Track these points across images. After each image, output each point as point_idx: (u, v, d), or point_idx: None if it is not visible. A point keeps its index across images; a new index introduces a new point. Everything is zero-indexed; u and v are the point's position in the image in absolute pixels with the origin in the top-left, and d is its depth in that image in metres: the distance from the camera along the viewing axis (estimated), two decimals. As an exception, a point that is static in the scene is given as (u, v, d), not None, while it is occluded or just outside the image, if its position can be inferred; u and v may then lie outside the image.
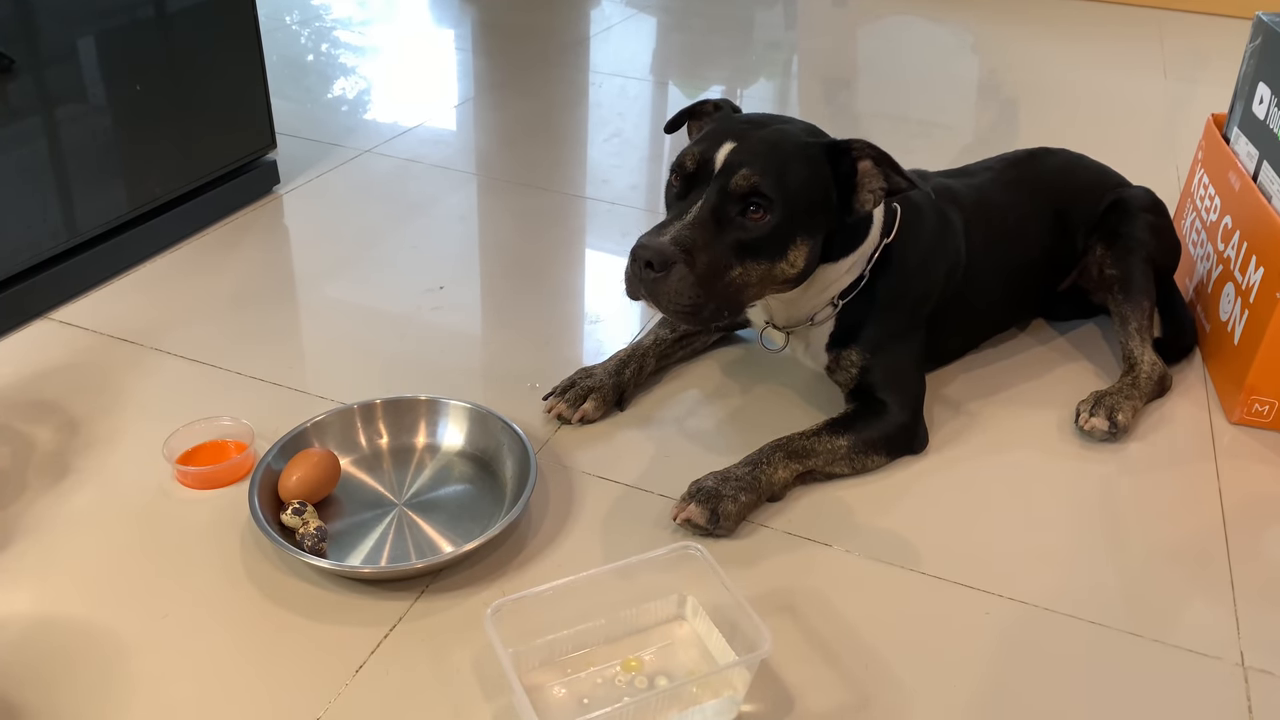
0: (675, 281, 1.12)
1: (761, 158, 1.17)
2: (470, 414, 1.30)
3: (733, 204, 1.16)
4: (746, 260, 1.17)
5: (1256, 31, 1.64)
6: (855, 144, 1.20)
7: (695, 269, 1.13)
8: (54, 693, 0.97)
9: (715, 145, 1.19)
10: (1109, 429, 1.36)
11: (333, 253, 1.81)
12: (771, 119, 1.26)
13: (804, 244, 1.20)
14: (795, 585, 1.13)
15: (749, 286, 1.20)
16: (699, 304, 1.15)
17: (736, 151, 1.17)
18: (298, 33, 3.07)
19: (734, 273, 1.17)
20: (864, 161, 1.20)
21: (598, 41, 3.08)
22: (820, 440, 1.27)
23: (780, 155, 1.18)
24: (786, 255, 1.19)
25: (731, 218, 1.16)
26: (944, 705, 1.00)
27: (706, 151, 1.19)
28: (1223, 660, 1.07)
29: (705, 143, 1.20)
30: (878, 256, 1.32)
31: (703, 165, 1.19)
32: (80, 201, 1.62)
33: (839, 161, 1.21)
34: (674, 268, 1.12)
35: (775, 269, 1.20)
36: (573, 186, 2.11)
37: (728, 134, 1.20)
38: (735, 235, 1.16)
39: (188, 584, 1.10)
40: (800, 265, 1.21)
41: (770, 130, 1.22)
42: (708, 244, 1.14)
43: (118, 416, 1.35)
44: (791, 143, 1.20)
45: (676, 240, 1.13)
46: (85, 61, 1.58)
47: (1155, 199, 1.59)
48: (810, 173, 1.19)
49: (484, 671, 1.01)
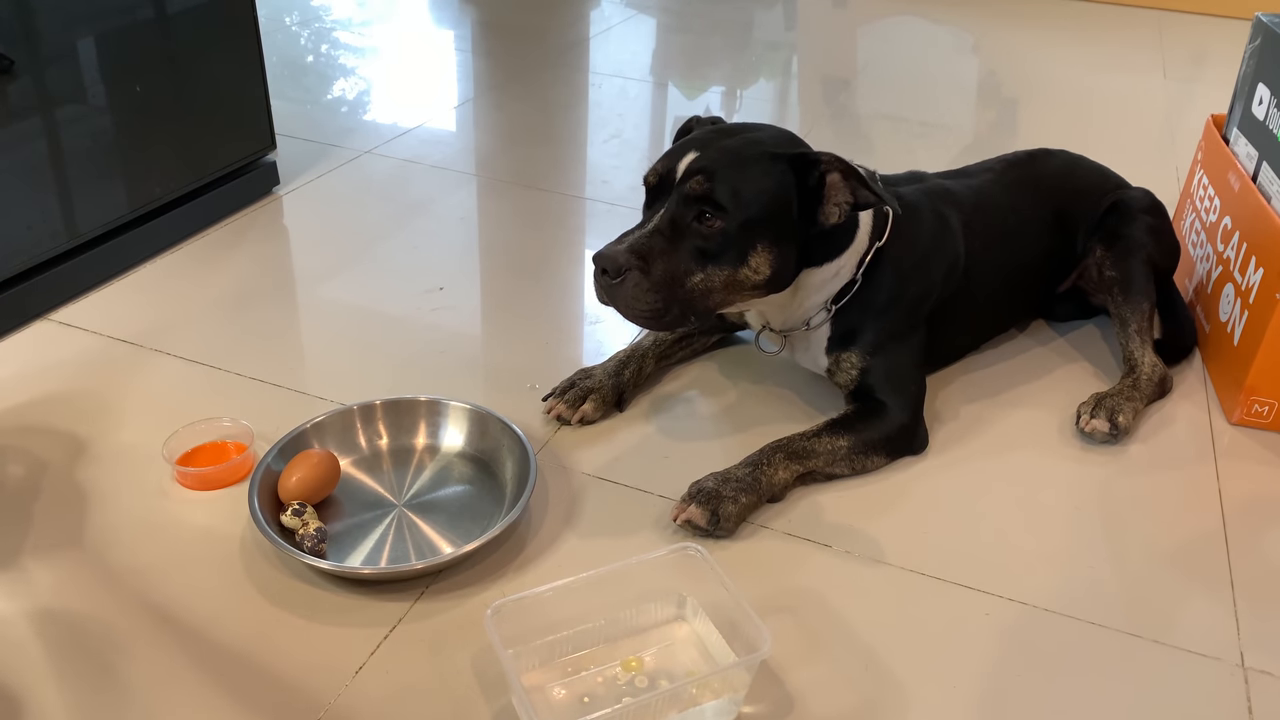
0: (631, 288, 1.17)
1: (719, 167, 1.20)
2: (470, 415, 1.30)
3: (689, 212, 1.19)
4: (707, 266, 1.20)
5: (1256, 32, 1.64)
6: (824, 157, 1.21)
7: (651, 275, 1.17)
8: (54, 692, 0.97)
9: (678, 157, 1.23)
10: (1110, 431, 1.36)
11: (332, 253, 1.81)
12: (746, 128, 1.27)
13: (766, 251, 1.22)
14: (795, 586, 1.13)
15: (713, 292, 1.22)
16: (658, 309, 1.18)
17: (696, 161, 1.21)
18: (297, 34, 3.07)
19: (694, 279, 1.20)
20: (832, 175, 1.21)
21: (597, 42, 3.08)
22: (820, 441, 1.27)
23: (739, 164, 1.20)
24: (747, 261, 1.21)
25: (688, 225, 1.20)
26: (944, 706, 1.00)
27: (670, 163, 1.23)
28: (1223, 660, 1.07)
29: (670, 155, 1.24)
30: (870, 260, 1.33)
31: (665, 176, 1.23)
32: (80, 202, 1.62)
33: (807, 173, 1.22)
34: (629, 274, 1.16)
35: (738, 275, 1.22)
36: (572, 187, 2.11)
37: (692, 145, 1.24)
38: (693, 242, 1.19)
39: (188, 585, 1.10)
40: (766, 271, 1.23)
41: (735, 140, 1.24)
42: (664, 251, 1.18)
43: (117, 417, 1.35)
44: (754, 152, 1.22)
45: (633, 248, 1.17)
46: (85, 62, 1.58)
47: (1155, 200, 1.59)
48: (771, 182, 1.21)
49: (484, 672, 1.01)
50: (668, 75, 2.86)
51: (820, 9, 3.61)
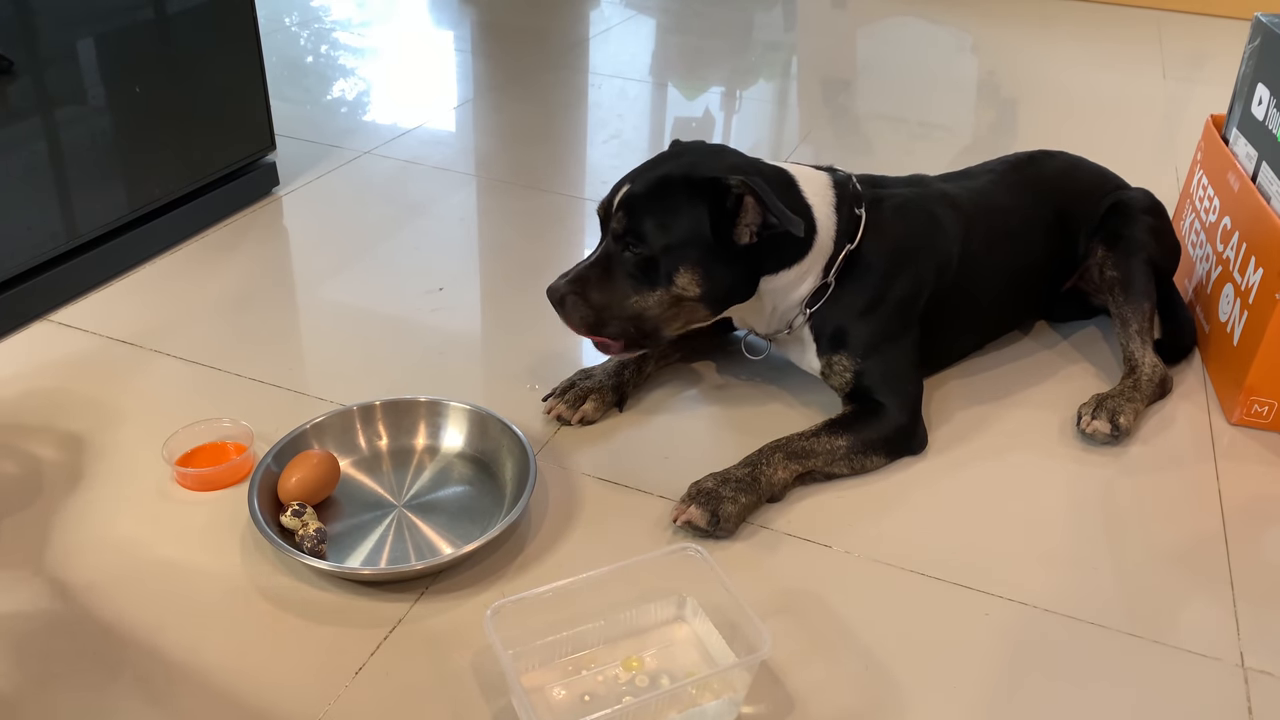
0: (575, 314, 1.29)
1: (638, 199, 1.28)
2: (470, 415, 1.30)
3: (618, 242, 1.29)
4: (642, 289, 1.29)
5: (1255, 32, 1.64)
6: (734, 181, 1.24)
7: (590, 302, 1.29)
8: (54, 693, 0.97)
9: (617, 190, 1.31)
10: (1111, 432, 1.36)
11: (332, 254, 1.81)
12: (687, 153, 1.34)
13: (690, 271, 1.27)
14: (795, 586, 1.13)
15: (652, 311, 1.30)
16: (613, 332, 1.30)
17: (625, 194, 1.29)
18: (297, 34, 3.07)
19: (631, 300, 1.29)
20: (747, 198, 1.25)
21: (597, 43, 3.08)
22: (819, 441, 1.27)
23: (658, 194, 1.28)
24: (675, 282, 1.28)
25: (620, 254, 1.29)
26: (944, 706, 1.00)
27: (611, 196, 1.32)
28: (1223, 661, 1.07)
29: (614, 188, 1.32)
30: (841, 262, 1.33)
31: (608, 209, 1.32)
32: (80, 203, 1.62)
33: (723, 196, 1.25)
34: (567, 298, 1.29)
35: (671, 293, 1.28)
36: (572, 188, 2.11)
37: (629, 177, 1.32)
38: (624, 269, 1.29)
39: (187, 585, 1.10)
40: (695, 290, 1.28)
41: (665, 168, 1.30)
42: (600, 279, 1.30)
43: (117, 418, 1.35)
44: (676, 180, 1.28)
45: (574, 279, 1.30)
46: (85, 63, 1.58)
47: (1155, 201, 1.60)
48: (685, 209, 1.27)
49: (484, 672, 1.01)
50: (667, 76, 2.86)
51: (820, 10, 3.61)
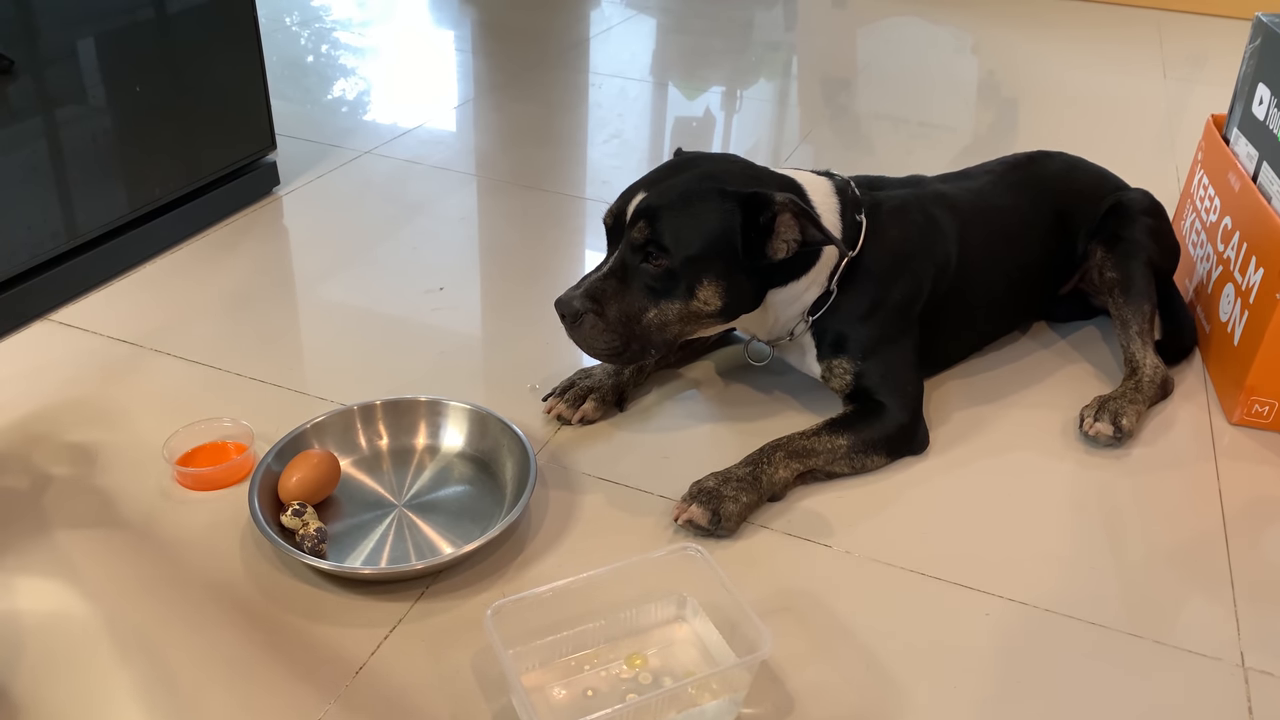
0: (588, 330, 1.24)
1: (662, 208, 1.23)
2: (470, 415, 1.30)
3: (637, 253, 1.24)
4: (660, 302, 1.24)
5: (1256, 32, 1.64)
6: (779, 199, 1.22)
7: (606, 317, 1.23)
8: (53, 692, 0.97)
9: (630, 197, 1.27)
10: (1114, 434, 1.36)
11: (333, 254, 1.81)
12: (703, 161, 1.30)
13: (713, 285, 1.24)
14: (795, 586, 1.13)
15: (669, 325, 1.26)
16: (616, 347, 1.25)
17: (643, 201, 1.24)
18: (297, 34, 3.07)
19: (649, 315, 1.25)
20: (784, 214, 1.23)
21: (597, 43, 3.08)
22: (820, 440, 1.28)
23: (683, 203, 1.23)
24: (696, 295, 1.24)
25: (637, 266, 1.24)
26: (944, 706, 1.00)
27: (622, 204, 1.27)
28: (1223, 661, 1.07)
29: (624, 195, 1.28)
30: (843, 269, 1.33)
31: (619, 217, 1.27)
32: (80, 203, 1.62)
33: (760, 211, 1.23)
34: (585, 316, 1.23)
35: (690, 307, 1.25)
36: (572, 187, 2.11)
37: (643, 185, 1.27)
38: (643, 281, 1.24)
39: (187, 585, 1.10)
40: (717, 303, 1.25)
41: (685, 176, 1.26)
42: (617, 292, 1.24)
43: (117, 418, 1.35)
44: (704, 188, 1.24)
45: (589, 292, 1.24)
46: (85, 62, 1.58)
47: (1154, 201, 1.59)
48: (716, 220, 1.23)
49: (484, 672, 1.01)
50: (668, 76, 2.86)
51: (820, 9, 3.61)
